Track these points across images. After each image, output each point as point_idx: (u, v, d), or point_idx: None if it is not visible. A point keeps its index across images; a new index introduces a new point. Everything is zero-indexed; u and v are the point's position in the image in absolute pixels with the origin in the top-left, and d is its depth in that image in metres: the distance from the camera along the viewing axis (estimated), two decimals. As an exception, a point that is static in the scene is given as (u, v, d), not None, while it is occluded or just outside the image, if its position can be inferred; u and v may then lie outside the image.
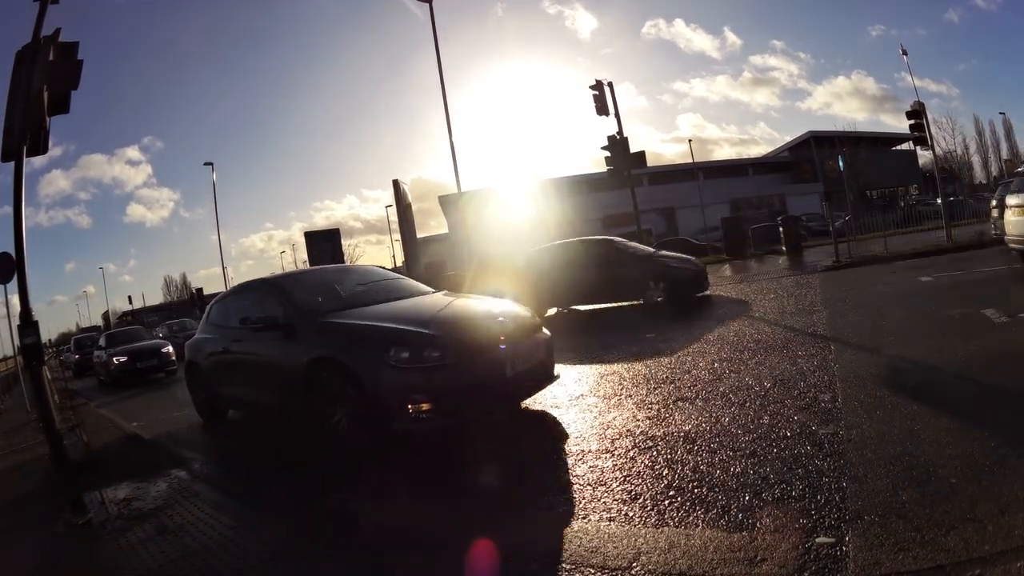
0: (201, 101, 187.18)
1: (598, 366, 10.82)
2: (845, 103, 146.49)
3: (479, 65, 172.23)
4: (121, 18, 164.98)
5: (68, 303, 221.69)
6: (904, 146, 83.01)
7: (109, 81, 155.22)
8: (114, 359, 25.39)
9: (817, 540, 4.01)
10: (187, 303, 79.11)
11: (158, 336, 35.02)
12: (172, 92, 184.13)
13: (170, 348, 26.21)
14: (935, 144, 33.41)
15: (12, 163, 9.07)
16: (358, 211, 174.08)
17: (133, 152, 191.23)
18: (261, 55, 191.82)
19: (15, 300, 19.47)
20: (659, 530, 4.58)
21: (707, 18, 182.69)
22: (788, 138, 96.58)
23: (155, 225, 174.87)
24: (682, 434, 6.59)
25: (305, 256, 58.84)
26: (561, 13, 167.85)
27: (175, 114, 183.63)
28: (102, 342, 29.53)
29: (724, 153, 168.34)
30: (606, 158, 28.27)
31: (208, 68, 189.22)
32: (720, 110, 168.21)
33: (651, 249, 22.70)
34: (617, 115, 28.80)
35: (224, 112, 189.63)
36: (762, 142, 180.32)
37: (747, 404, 7.24)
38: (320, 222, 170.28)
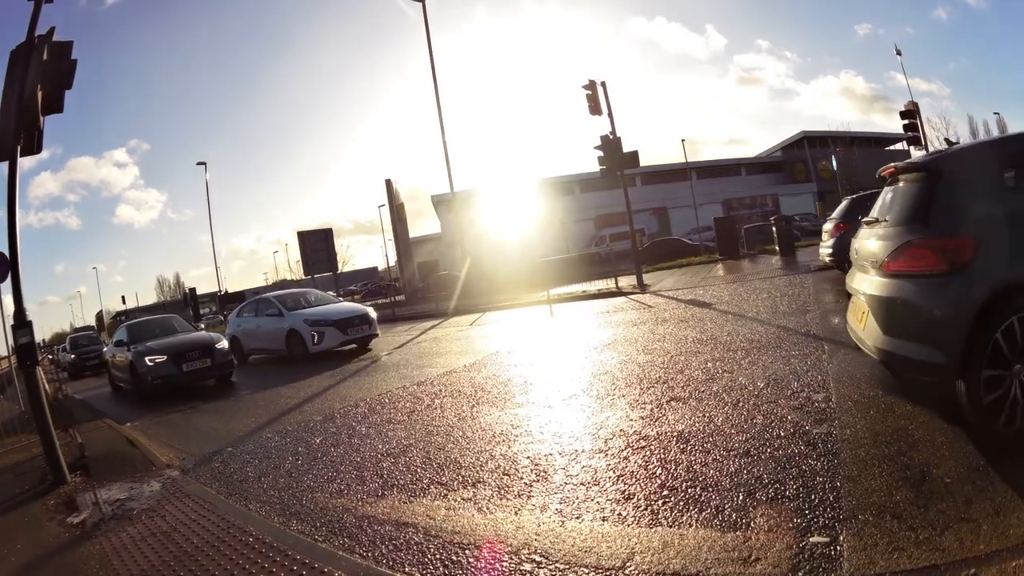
0: (186, 103, 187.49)
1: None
2: (835, 103, 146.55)
3: (463, 66, 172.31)
4: (105, 21, 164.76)
5: (59, 304, 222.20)
6: (898, 146, 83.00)
7: (95, 84, 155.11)
8: (147, 359, 17.47)
9: (811, 539, 4.02)
10: (180, 302, 79.15)
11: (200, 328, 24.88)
12: (157, 95, 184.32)
13: (226, 343, 19.40)
14: (929, 144, 33.49)
15: (5, 163, 9.06)
16: (347, 211, 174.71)
17: (120, 155, 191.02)
18: (245, 57, 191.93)
19: (7, 300, 19.33)
20: (652, 530, 4.59)
21: (689, 16, 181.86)
22: (778, 138, 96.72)
23: (144, 226, 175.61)
24: (676, 434, 6.61)
25: (298, 256, 59.02)
26: (541, 13, 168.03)
27: (160, 117, 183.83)
28: (122, 336, 20.60)
29: (713, 153, 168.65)
30: (599, 158, 28.18)
31: (193, 70, 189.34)
32: (708, 110, 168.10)
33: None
34: (610, 114, 28.75)
35: (210, 114, 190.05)
36: (751, 142, 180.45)
37: (741, 404, 7.25)
38: (308, 222, 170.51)
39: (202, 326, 27.16)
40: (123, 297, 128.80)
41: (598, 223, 67.57)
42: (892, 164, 6.50)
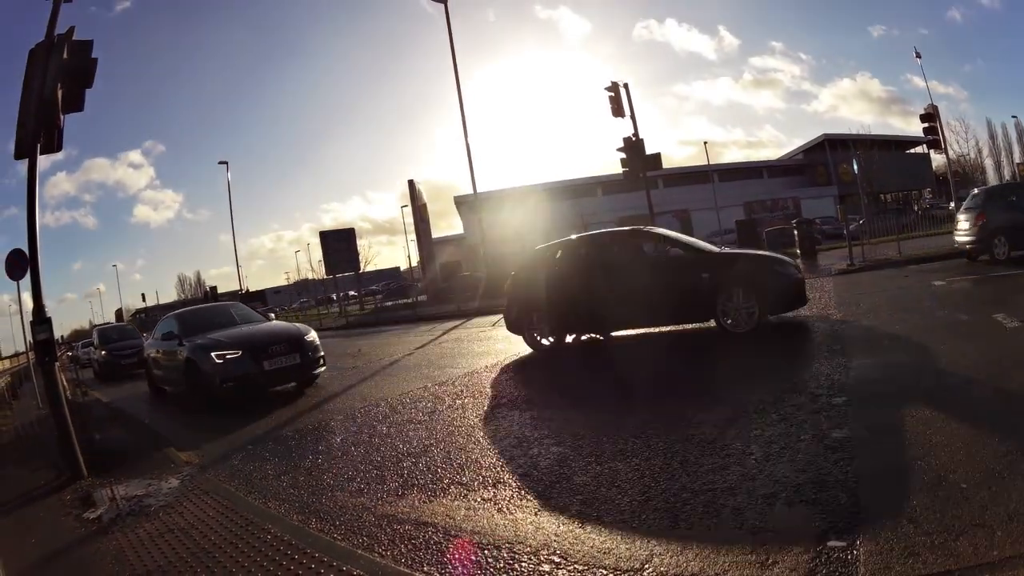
0: (200, 105, 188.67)
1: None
2: (852, 105, 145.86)
3: (474, 69, 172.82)
4: (116, 25, 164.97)
5: (78, 301, 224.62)
6: (918, 149, 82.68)
7: (109, 87, 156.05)
8: (214, 355, 13.49)
9: (828, 543, 4.02)
10: (201, 301, 79.48)
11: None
12: (171, 97, 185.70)
13: (315, 335, 15.09)
14: (948, 147, 33.33)
15: (25, 161, 9.12)
16: (366, 211, 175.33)
17: (135, 156, 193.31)
18: (260, 58, 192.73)
19: (26, 297, 19.36)
20: (672, 532, 4.61)
21: (699, 18, 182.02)
22: (796, 141, 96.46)
23: (160, 226, 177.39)
24: (695, 437, 6.62)
25: (320, 256, 59.27)
26: (552, 17, 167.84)
27: (175, 119, 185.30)
28: (171, 327, 16.29)
29: (731, 156, 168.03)
30: (622, 160, 28.16)
31: (207, 72, 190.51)
32: (724, 113, 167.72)
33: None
34: (632, 116, 28.71)
35: (224, 115, 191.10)
36: (770, 144, 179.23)
37: (760, 407, 7.23)
38: (327, 223, 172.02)
39: (272, 315, 20.47)
40: (143, 295, 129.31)
41: (620, 225, 67.28)
42: None
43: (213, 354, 13.50)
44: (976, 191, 21.89)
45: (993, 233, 18.54)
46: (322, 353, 14.87)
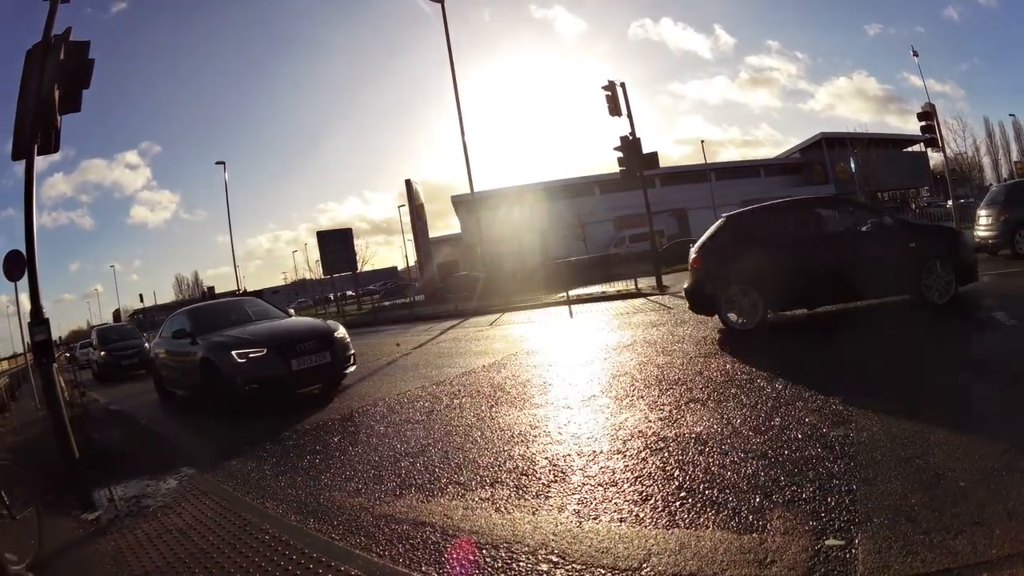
0: (196, 106, 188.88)
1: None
2: (848, 104, 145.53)
3: (470, 68, 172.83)
4: (111, 27, 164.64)
5: (76, 302, 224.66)
6: (915, 148, 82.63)
7: (105, 88, 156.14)
8: (235, 355, 12.21)
9: (827, 542, 4.01)
10: (199, 301, 79.27)
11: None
12: (167, 98, 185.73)
13: (344, 331, 14.09)
14: (945, 145, 33.34)
15: (22, 162, 9.12)
16: (363, 211, 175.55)
17: (132, 156, 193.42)
18: (259, 58, 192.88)
19: (23, 298, 19.34)
20: (669, 531, 4.61)
21: (695, 17, 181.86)
22: (793, 140, 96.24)
23: (157, 227, 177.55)
24: (694, 436, 6.61)
25: (317, 256, 59.19)
26: (547, 17, 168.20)
27: (171, 120, 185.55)
28: (182, 325, 14.70)
29: (728, 155, 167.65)
30: (619, 159, 28.14)
31: (203, 74, 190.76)
32: (720, 112, 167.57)
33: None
34: (629, 115, 28.67)
35: (220, 116, 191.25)
36: (766, 143, 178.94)
37: (759, 406, 7.23)
38: (324, 223, 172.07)
39: (291, 311, 17.06)
40: (140, 295, 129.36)
41: (618, 224, 67.50)
42: None
43: (234, 353, 12.25)
44: (996, 187, 22.19)
45: (1015, 228, 18.69)
46: (352, 351, 13.83)
